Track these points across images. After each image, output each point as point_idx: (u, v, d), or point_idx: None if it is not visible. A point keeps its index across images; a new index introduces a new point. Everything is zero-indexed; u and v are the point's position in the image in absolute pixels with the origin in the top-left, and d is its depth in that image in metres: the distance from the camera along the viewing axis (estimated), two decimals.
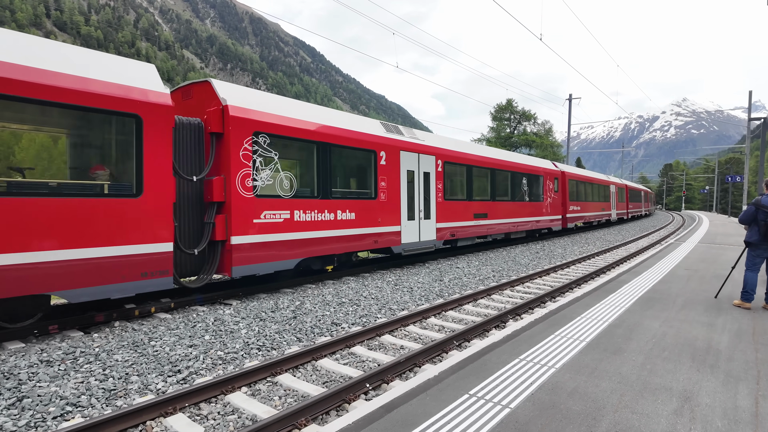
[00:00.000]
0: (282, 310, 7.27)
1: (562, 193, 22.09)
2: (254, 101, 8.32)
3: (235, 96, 8.02)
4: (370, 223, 10.51)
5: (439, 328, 6.87)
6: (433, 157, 12.74)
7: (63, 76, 5.62)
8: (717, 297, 6.78)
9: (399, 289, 9.23)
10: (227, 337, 5.97)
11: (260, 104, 8.38)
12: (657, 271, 9.38)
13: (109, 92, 6.04)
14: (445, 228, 13.17)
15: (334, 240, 9.55)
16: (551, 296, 8.86)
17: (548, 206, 19.97)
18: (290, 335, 6.19)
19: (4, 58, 5.20)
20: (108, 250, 5.96)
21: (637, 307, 6.06)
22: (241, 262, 7.73)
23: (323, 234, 9.33)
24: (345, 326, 6.72)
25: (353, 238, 10.05)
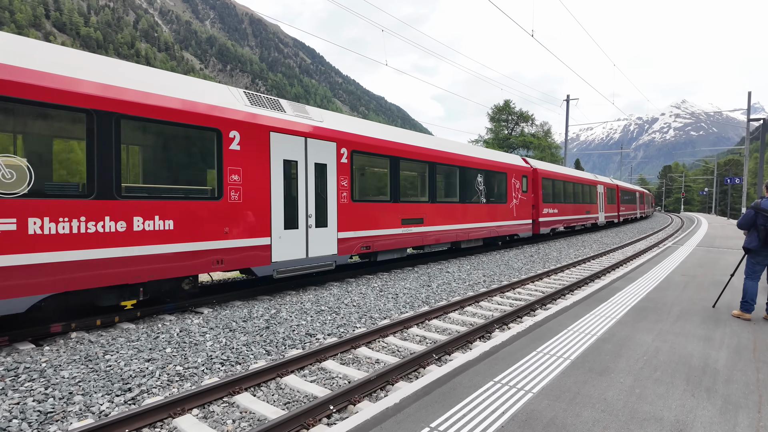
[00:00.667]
0: (255, 320, 6.87)
1: (534, 193, 19.20)
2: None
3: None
4: (208, 234, 7.27)
5: (420, 339, 6.47)
6: (334, 145, 9.66)
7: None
8: (715, 306, 6.39)
9: (384, 296, 8.83)
10: (190, 350, 5.57)
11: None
12: (652, 277, 8.98)
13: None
14: (354, 238, 10.15)
15: (128, 261, 6.31)
16: (542, 303, 8.47)
17: (514, 209, 17.19)
18: (259, 348, 5.79)
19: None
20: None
21: (630, 318, 5.67)
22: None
23: (102, 253, 6.07)
24: (320, 337, 6.32)
25: (172, 257, 6.78)
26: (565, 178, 22.72)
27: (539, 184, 19.56)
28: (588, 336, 4.82)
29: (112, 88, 6.26)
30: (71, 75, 5.94)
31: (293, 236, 8.70)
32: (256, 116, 8.15)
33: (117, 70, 6.60)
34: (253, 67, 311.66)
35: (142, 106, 6.51)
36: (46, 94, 5.60)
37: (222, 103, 7.68)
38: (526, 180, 18.40)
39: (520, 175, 17.83)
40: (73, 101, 5.83)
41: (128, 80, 6.57)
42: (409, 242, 11.94)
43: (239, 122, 7.78)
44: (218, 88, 8.07)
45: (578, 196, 24.69)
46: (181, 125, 6.99)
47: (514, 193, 17.23)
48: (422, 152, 12.50)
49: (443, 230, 13.26)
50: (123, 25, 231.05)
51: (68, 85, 5.83)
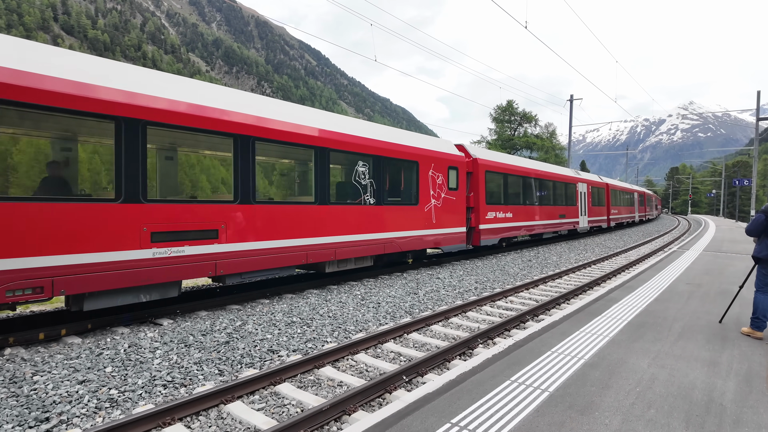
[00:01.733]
0: (216, 333, 6.31)
1: (473, 191, 14.54)
2: None
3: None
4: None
5: (394, 356, 5.87)
6: None
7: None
8: (722, 322, 5.74)
9: (364, 305, 8.24)
10: (133, 369, 5.01)
11: None
12: (654, 287, 8.32)
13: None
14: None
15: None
16: (533, 314, 7.85)
17: (432, 213, 12.31)
18: (212, 367, 5.22)
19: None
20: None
21: (625, 336, 5.04)
22: None
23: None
24: (284, 354, 5.74)
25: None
26: (523, 172, 17.70)
27: (481, 179, 14.66)
28: (574, 359, 4.21)
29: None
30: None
31: None
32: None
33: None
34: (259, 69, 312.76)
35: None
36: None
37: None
38: (457, 174, 13.39)
39: (444, 167, 12.80)
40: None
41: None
42: (169, 275, 6.67)
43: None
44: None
45: (547, 197, 19.87)
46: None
47: (433, 191, 12.32)
48: (221, 119, 7.32)
49: (273, 247, 8.13)
50: (130, 27, 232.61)
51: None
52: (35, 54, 5.68)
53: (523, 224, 17.57)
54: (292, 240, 8.47)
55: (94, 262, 5.84)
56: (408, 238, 11.56)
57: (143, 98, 6.38)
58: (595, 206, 26.40)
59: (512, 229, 16.69)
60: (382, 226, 10.69)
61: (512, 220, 16.60)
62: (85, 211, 5.79)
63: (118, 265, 6.07)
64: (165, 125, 6.61)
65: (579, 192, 23.58)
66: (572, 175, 23.63)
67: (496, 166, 15.87)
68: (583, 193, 24.42)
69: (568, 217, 21.96)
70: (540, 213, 19.05)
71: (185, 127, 6.86)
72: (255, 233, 7.83)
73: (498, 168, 15.96)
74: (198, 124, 7.00)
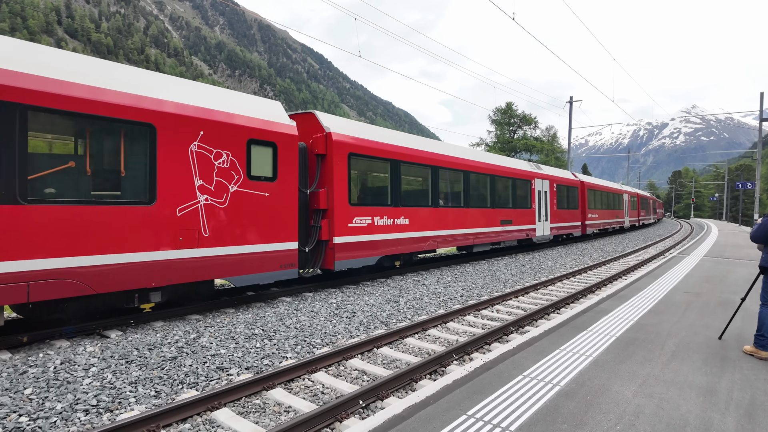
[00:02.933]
0: (165, 347, 5.75)
1: (328, 185, 9.54)
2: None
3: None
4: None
5: (358, 374, 5.29)
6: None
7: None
8: (722, 338, 5.14)
9: (338, 315, 7.68)
10: (58, 390, 4.45)
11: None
12: (649, 296, 7.72)
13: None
14: None
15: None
16: (519, 324, 7.27)
17: (201, 217, 7.14)
18: (149, 387, 4.66)
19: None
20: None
21: (610, 355, 4.45)
22: None
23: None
24: (234, 372, 5.18)
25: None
26: (429, 160, 12.53)
27: (340, 166, 9.65)
28: (547, 387, 3.62)
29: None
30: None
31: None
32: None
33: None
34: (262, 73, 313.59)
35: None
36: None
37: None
38: (273, 154, 8.23)
39: (235, 140, 7.63)
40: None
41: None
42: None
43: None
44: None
45: (479, 197, 15.09)
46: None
47: (200, 178, 7.16)
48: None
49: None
50: (133, 31, 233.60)
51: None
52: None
53: (431, 234, 12.36)
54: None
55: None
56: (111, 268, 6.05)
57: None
58: (562, 209, 21.26)
59: (406, 243, 11.44)
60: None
61: (408, 229, 11.51)
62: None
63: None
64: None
65: (536, 191, 18.50)
66: (524, 168, 18.18)
67: (372, 147, 10.51)
68: (543, 192, 19.22)
69: (518, 223, 16.98)
70: (466, 218, 13.95)
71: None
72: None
73: (377, 151, 10.64)
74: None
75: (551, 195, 20.03)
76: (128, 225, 6.24)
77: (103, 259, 5.96)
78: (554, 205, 20.33)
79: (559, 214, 20.89)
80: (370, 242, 10.39)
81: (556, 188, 20.66)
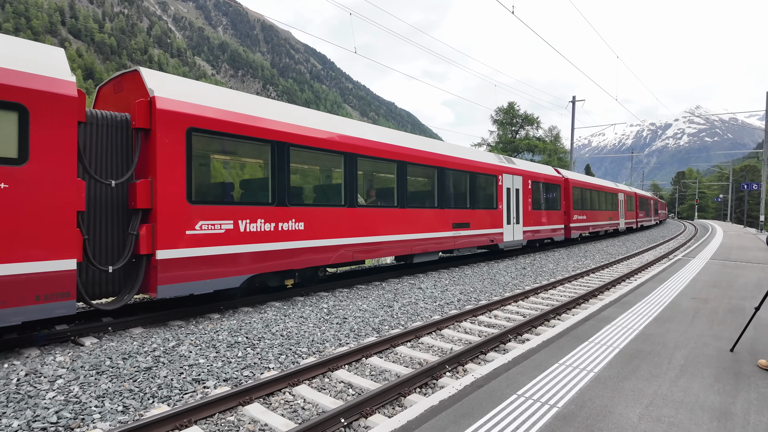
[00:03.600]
0: (141, 356, 5.43)
1: (148, 176, 6.74)
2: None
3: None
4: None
5: (343, 387, 4.96)
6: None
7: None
8: (734, 350, 4.78)
9: (328, 321, 7.35)
10: (16, 406, 4.14)
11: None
12: (654, 302, 7.36)
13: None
14: None
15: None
16: (517, 332, 6.93)
17: None
18: (117, 402, 4.34)
19: None
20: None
21: (613, 370, 4.10)
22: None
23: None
24: (211, 384, 4.85)
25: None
26: (326, 142, 9.38)
27: (165, 148, 6.86)
28: (543, 409, 3.28)
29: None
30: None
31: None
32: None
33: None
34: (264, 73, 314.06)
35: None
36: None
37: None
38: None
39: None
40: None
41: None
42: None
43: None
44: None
45: (421, 194, 12.45)
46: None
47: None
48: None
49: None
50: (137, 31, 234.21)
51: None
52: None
53: (345, 242, 9.62)
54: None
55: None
56: None
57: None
58: (539, 210, 18.21)
59: (301, 254, 8.64)
60: None
61: (303, 236, 8.72)
62: None
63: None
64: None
65: (504, 188, 15.69)
66: (488, 161, 15.30)
67: (234, 123, 7.63)
68: (514, 190, 16.34)
69: (478, 227, 14.21)
70: (401, 221, 11.12)
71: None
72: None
73: (243, 128, 7.77)
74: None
75: (525, 193, 17.06)
76: None
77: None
78: (529, 205, 17.38)
79: (535, 216, 17.88)
80: (228, 256, 7.41)
81: (532, 186, 17.62)
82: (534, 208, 17.77)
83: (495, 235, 15.20)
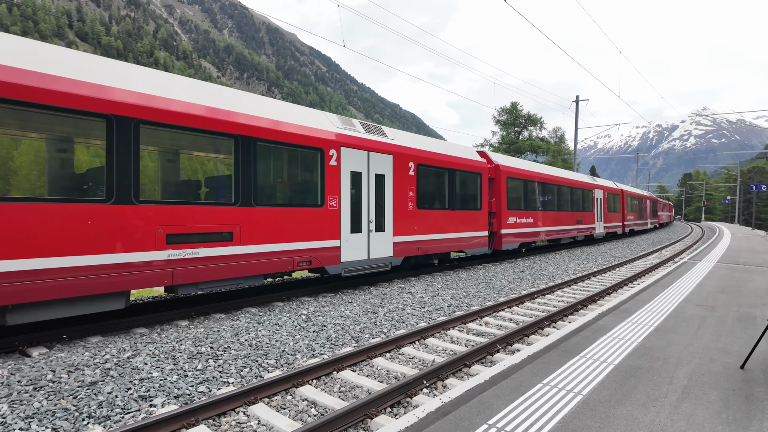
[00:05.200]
0: (90, 368, 4.96)
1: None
2: None
3: None
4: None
5: (305, 407, 4.45)
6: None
7: None
8: (744, 367, 4.23)
9: (304, 328, 6.85)
10: None
11: None
12: (656, 310, 6.80)
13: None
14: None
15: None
16: (507, 341, 6.40)
17: None
18: (46, 423, 3.87)
19: None
20: None
21: (605, 392, 3.57)
22: None
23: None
24: (159, 402, 4.37)
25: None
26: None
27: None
28: None
29: None
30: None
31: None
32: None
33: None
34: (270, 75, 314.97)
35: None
36: None
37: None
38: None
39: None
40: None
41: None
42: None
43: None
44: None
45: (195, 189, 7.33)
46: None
47: None
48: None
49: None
50: (143, 34, 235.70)
51: None
52: None
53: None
54: None
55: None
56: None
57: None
58: (435, 210, 12.25)
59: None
60: None
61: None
62: None
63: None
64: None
65: (341, 173, 9.46)
66: (308, 125, 8.99)
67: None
68: (373, 177, 10.31)
69: (291, 237, 8.42)
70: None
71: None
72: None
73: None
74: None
75: (400, 183, 11.05)
76: None
77: None
78: (410, 201, 11.41)
79: (423, 218, 11.80)
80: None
81: (418, 171, 11.56)
82: (422, 206, 11.82)
83: (319, 254, 9.01)
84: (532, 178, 17.53)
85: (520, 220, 16.51)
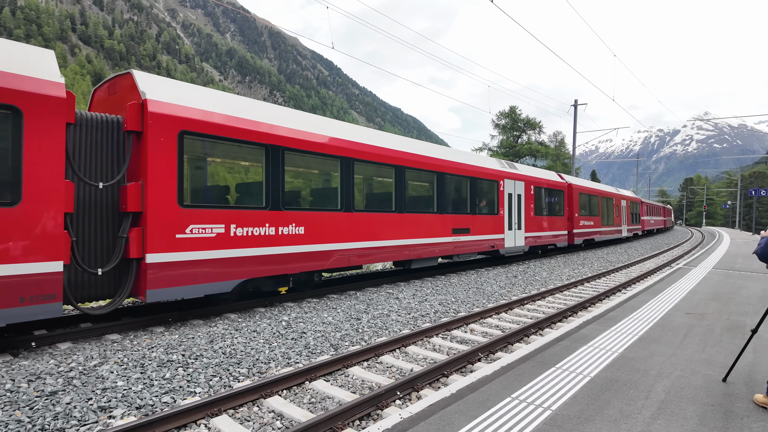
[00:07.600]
0: (52, 377, 4.80)
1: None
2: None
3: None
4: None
5: (271, 419, 4.29)
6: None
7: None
8: (726, 380, 4.06)
9: (283, 335, 6.69)
10: None
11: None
12: (643, 318, 6.62)
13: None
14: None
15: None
16: (490, 349, 6.22)
17: None
18: None
19: None
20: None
21: (576, 408, 3.40)
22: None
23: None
24: (118, 413, 4.21)
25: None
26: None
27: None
28: None
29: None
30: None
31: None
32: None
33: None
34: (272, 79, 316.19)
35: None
36: None
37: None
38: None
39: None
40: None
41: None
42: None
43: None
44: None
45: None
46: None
47: None
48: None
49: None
50: (146, 37, 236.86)
51: None
52: None
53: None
54: None
55: None
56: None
57: None
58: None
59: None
60: None
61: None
62: None
63: None
64: None
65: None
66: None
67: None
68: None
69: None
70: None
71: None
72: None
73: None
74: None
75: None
76: None
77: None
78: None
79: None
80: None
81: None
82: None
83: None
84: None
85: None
